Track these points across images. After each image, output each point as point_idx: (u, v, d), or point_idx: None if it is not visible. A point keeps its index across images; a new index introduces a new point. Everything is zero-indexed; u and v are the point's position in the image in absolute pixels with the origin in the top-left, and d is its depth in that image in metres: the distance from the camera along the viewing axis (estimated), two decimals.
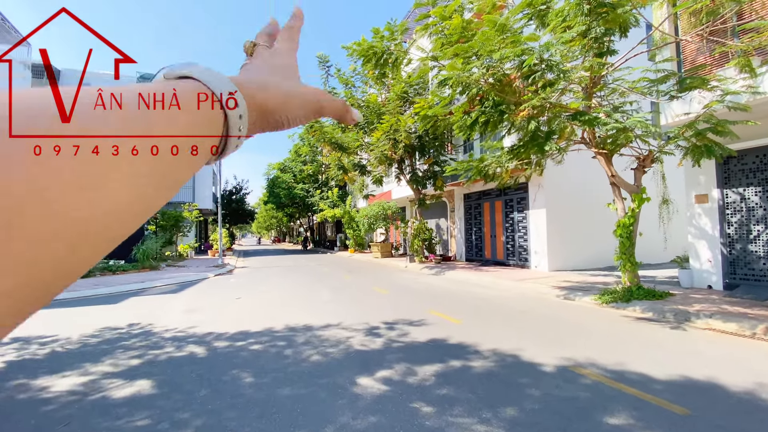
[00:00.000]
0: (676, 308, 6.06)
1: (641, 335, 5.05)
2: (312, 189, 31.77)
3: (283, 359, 4.31)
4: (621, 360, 4.04)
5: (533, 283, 9.25)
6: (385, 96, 15.09)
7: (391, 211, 19.51)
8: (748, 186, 7.34)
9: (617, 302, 6.86)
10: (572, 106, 6.54)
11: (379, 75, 11.18)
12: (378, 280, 11.38)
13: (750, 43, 5.37)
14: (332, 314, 6.60)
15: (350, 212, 24.20)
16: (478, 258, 15.33)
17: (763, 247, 7.11)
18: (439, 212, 18.56)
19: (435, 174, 15.12)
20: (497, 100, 6.32)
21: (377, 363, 4.08)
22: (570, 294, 7.82)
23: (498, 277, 10.73)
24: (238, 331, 5.58)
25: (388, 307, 7.15)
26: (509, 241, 13.67)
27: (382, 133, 12.77)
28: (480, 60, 5.74)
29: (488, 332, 5.25)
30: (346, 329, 5.54)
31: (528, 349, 4.44)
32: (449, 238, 17.66)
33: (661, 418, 2.79)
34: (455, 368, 3.90)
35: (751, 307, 5.94)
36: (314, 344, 4.83)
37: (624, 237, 7.25)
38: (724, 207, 7.72)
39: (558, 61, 5.47)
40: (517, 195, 13.23)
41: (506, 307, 7.07)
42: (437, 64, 6.90)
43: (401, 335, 5.18)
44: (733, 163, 7.48)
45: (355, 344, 4.79)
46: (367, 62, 9.52)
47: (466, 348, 4.56)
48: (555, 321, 5.93)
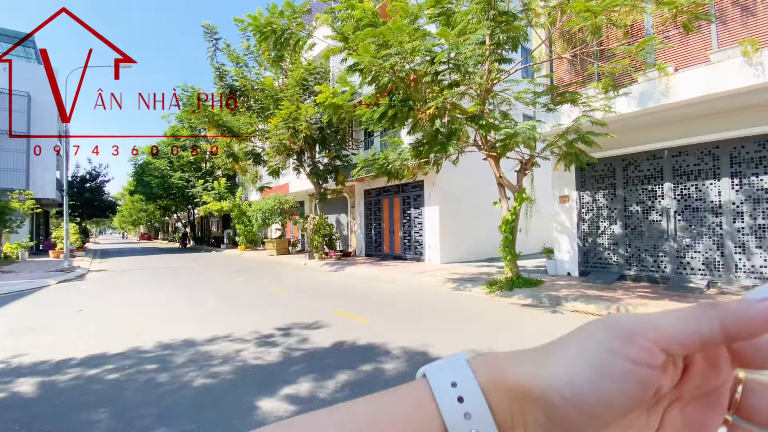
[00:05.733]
0: (549, 294, 6.91)
1: (528, 321, 5.56)
2: (193, 178, 28.11)
3: (155, 388, 3.45)
4: (516, 346, 4.29)
5: (429, 277, 9.66)
6: (282, 81, 14.05)
7: (289, 205, 18.43)
8: (598, 190, 8.84)
9: (503, 291, 7.54)
10: (471, 110, 6.91)
11: (276, 57, 10.27)
12: (275, 280, 10.53)
13: (612, 68, 6.35)
14: (220, 324, 5.72)
15: (241, 206, 22.17)
16: (378, 253, 15.54)
17: (608, 240, 8.64)
18: (339, 207, 18.27)
19: (336, 168, 14.74)
20: (405, 95, 6.27)
21: (280, 379, 3.56)
22: (462, 285, 8.34)
23: (397, 271, 10.95)
24: (91, 356, 4.36)
25: (287, 311, 6.55)
26: (406, 236, 14.16)
27: (280, 120, 11.82)
28: (392, 48, 5.58)
29: (395, 329, 5.14)
30: (238, 341, 4.81)
31: (435, 344, 4.44)
32: (349, 234, 17.53)
33: None
34: (367, 373, 3.63)
35: (602, 290, 7.13)
36: (198, 363, 4.02)
37: (507, 232, 8.00)
38: (580, 207, 9.16)
39: (465, 61, 5.65)
40: (414, 192, 13.75)
41: (409, 301, 7.15)
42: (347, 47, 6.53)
43: (303, 341, 4.71)
44: (588, 170, 8.92)
45: (250, 358, 4.14)
46: (264, 40, 8.60)
47: (375, 349, 4.35)
48: (454, 312, 6.17)
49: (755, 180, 6.64)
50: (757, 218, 6.62)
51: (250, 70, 13.97)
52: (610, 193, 8.57)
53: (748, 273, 6.70)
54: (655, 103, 6.60)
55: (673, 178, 7.62)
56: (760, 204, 6.59)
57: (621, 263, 8.36)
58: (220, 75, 13.73)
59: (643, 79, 6.72)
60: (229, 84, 13.82)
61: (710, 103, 6.40)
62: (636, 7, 5.90)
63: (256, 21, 8.21)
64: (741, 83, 5.69)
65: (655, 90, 6.58)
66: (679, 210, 7.54)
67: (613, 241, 8.51)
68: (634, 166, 8.18)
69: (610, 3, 5.32)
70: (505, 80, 7.63)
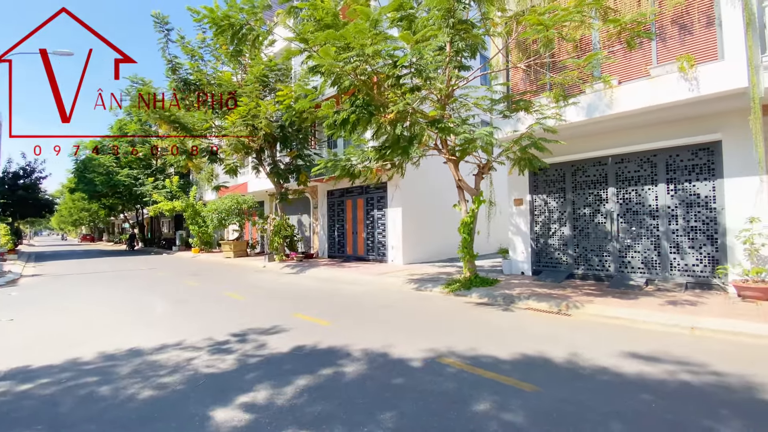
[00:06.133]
0: (503, 293, 7.20)
1: (483, 319, 5.75)
2: (143, 176, 26.40)
3: (96, 402, 3.20)
4: (473, 345, 4.45)
5: (392, 277, 9.73)
6: (241, 76, 13.55)
7: (248, 205, 17.80)
8: (549, 193, 9.33)
9: (461, 290, 7.76)
10: (431, 114, 7.04)
11: (234, 51, 9.91)
12: (231, 284, 10.13)
13: (562, 79, 6.73)
14: (170, 331, 5.41)
15: (195, 205, 21.12)
16: (341, 254, 15.42)
17: (558, 240, 9.14)
18: (301, 208, 17.92)
19: (298, 168, 14.44)
20: (367, 99, 6.27)
21: (235, 387, 3.42)
22: (423, 285, 8.48)
23: (360, 272, 10.93)
24: (21, 369, 3.97)
25: (244, 316, 6.32)
26: (369, 237, 14.17)
27: (238, 117, 11.38)
28: (354, 51, 5.56)
29: (357, 332, 5.13)
30: (189, 348, 4.58)
31: (397, 345, 4.48)
32: (312, 235, 17.24)
33: (517, 397, 3.10)
34: (328, 377, 3.59)
35: (553, 288, 7.52)
36: (144, 374, 3.78)
37: (465, 233, 8.24)
38: (533, 209, 9.63)
39: (426, 66, 5.74)
40: (377, 194, 13.80)
41: (371, 302, 7.16)
42: (308, 49, 6.42)
43: (260, 347, 4.57)
44: (540, 175, 9.39)
45: (203, 366, 3.96)
46: (221, 34, 8.26)
47: (336, 352, 4.31)
48: (414, 312, 6.26)
49: (688, 186, 7.31)
50: (689, 221, 7.29)
51: (206, 63, 13.36)
52: (560, 196, 9.08)
53: (682, 271, 7.35)
54: (600, 114, 7.08)
55: (616, 183, 8.20)
56: (692, 208, 7.27)
57: (570, 263, 8.87)
58: (173, 68, 13.00)
59: (590, 91, 7.18)
60: (182, 78, 13.13)
61: (650, 115, 6.96)
62: (584, 23, 6.31)
63: (213, 14, 7.87)
64: (677, 97, 6.24)
65: (601, 101, 7.06)
66: (621, 213, 8.13)
67: (563, 241, 9.02)
68: (582, 172, 8.72)
69: (560, 18, 5.64)
70: (464, 86, 7.86)
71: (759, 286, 5.89)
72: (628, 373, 3.55)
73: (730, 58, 5.84)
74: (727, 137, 6.75)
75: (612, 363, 3.80)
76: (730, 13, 5.89)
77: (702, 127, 7.00)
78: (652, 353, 4.06)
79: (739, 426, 2.59)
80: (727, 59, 5.87)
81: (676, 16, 6.62)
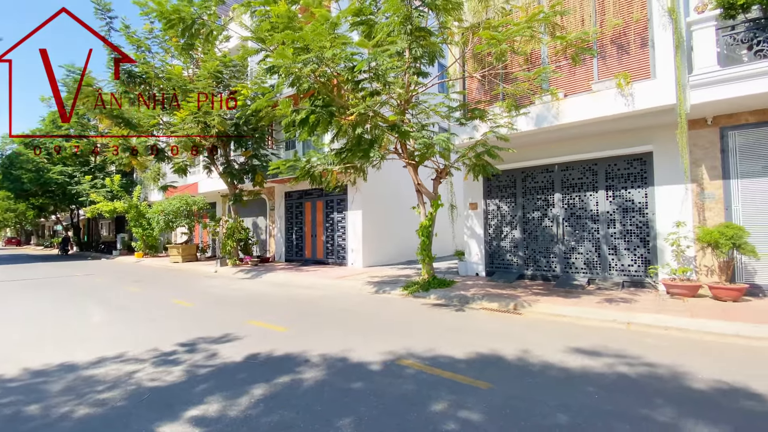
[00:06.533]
0: (459, 294, 7.41)
1: (441, 320, 5.88)
2: (79, 174, 24.18)
3: (24, 423, 2.87)
4: (431, 346, 4.53)
5: (352, 280, 9.67)
6: (193, 71, 12.87)
7: (198, 206, 16.87)
8: (501, 198, 9.76)
9: (419, 292, 7.89)
10: (391, 118, 7.12)
11: (185, 45, 9.41)
12: (179, 290, 9.55)
13: (514, 90, 7.08)
14: (109, 343, 5.00)
15: (139, 206, 19.70)
16: (299, 258, 15.08)
17: (509, 243, 9.58)
18: (257, 210, 17.31)
19: (254, 168, 13.94)
20: (327, 100, 6.21)
21: (184, 400, 3.22)
22: (382, 288, 8.52)
23: (319, 276, 10.75)
24: None
25: (192, 324, 5.98)
26: (329, 240, 14.00)
27: (189, 114, 10.77)
28: (312, 53, 5.48)
29: (315, 337, 5.03)
30: (131, 361, 4.25)
31: (356, 349, 4.45)
32: (268, 238, 16.70)
33: (473, 395, 3.20)
34: (285, 385, 3.48)
35: (504, 288, 7.87)
36: (79, 391, 3.45)
37: (424, 236, 8.40)
38: (487, 213, 10.02)
39: (385, 71, 5.80)
40: (337, 196, 13.68)
41: (330, 306, 7.06)
42: (265, 48, 6.23)
43: (211, 357, 4.34)
44: (493, 180, 9.81)
45: (147, 380, 3.69)
46: (170, 28, 7.83)
47: (294, 359, 4.20)
48: (374, 315, 6.26)
49: (624, 192, 7.97)
50: (625, 225, 7.94)
51: (154, 56, 12.53)
52: (512, 201, 9.54)
53: (619, 271, 7.99)
54: (548, 124, 7.53)
55: (561, 189, 8.76)
56: (627, 213, 7.93)
57: (520, 264, 9.33)
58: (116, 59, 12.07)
59: (540, 102, 7.63)
60: (127, 69, 12.22)
61: (591, 126, 7.52)
62: (534, 38, 6.69)
63: (161, 7, 7.42)
64: (615, 111, 6.80)
65: (549, 112, 7.52)
66: (566, 217, 8.69)
67: (514, 244, 9.47)
68: (531, 178, 9.22)
69: (512, 33, 5.95)
70: (423, 93, 8.04)
71: (685, 284, 6.54)
72: (572, 367, 3.79)
73: (661, 76, 6.47)
74: (658, 149, 7.46)
75: (558, 358, 4.04)
76: (662, 35, 6.53)
77: (636, 139, 7.68)
78: (593, 348, 4.36)
79: (671, 413, 2.85)
80: (658, 78, 6.50)
81: (615, 37, 7.22)
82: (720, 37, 6.08)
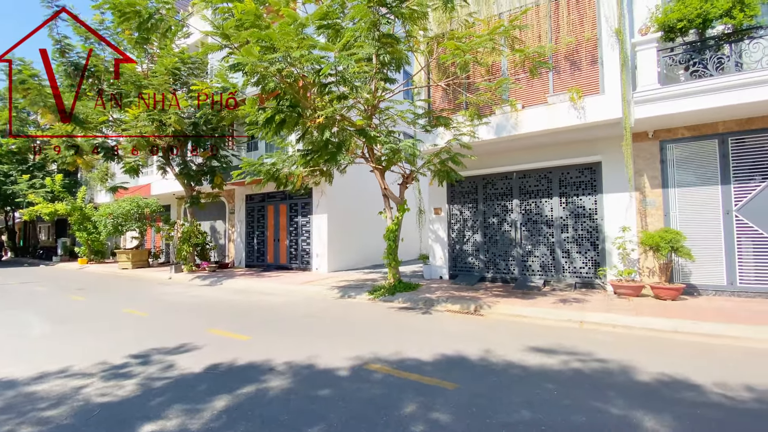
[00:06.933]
0: (425, 297, 7.54)
1: (406, 323, 5.94)
2: (15, 172, 21.99)
3: None
4: (398, 349, 4.57)
5: (316, 286, 9.53)
6: (147, 66, 12.19)
7: (151, 209, 15.90)
8: (464, 204, 10.06)
9: (385, 296, 7.93)
10: (358, 123, 7.14)
11: (140, 38, 8.92)
12: (130, 299, 8.95)
13: (477, 99, 7.35)
14: (52, 356, 4.59)
15: (84, 209, 18.27)
16: (260, 263, 14.63)
17: (471, 247, 9.88)
18: (215, 213, 16.61)
19: (213, 170, 13.37)
20: (294, 101, 6.12)
21: (138, 416, 3.02)
22: (348, 293, 8.47)
23: (282, 282, 10.50)
24: None
25: (146, 334, 5.63)
26: (293, 244, 13.71)
27: (143, 111, 10.16)
28: (279, 53, 5.39)
29: (280, 344, 4.91)
30: (78, 376, 3.93)
31: (322, 355, 4.39)
32: (227, 243, 16.06)
33: (440, 396, 3.26)
34: (249, 395, 3.36)
35: (467, 291, 8.09)
36: (20, 409, 3.14)
37: (391, 240, 8.47)
38: (450, 218, 10.29)
39: (351, 75, 5.81)
40: (302, 200, 13.45)
41: (294, 312, 6.91)
42: (229, 45, 6.03)
43: (168, 368, 4.11)
44: (457, 186, 10.10)
45: (96, 395, 3.43)
46: (126, 21, 7.40)
47: (257, 368, 4.07)
48: (340, 321, 6.21)
49: (576, 199, 8.49)
50: (577, 229, 8.45)
51: (104, 48, 11.73)
52: (473, 207, 9.86)
53: (572, 273, 8.47)
54: (507, 133, 7.89)
55: (519, 196, 9.18)
56: (579, 218, 8.44)
57: (481, 267, 9.65)
58: (62, 50, 11.18)
59: (500, 112, 7.97)
60: (74, 62, 11.35)
61: (547, 137, 7.95)
62: (495, 50, 7.00)
63: None
64: (568, 122, 7.24)
65: (508, 122, 7.87)
66: (523, 222, 9.11)
67: (475, 248, 9.78)
68: (492, 185, 9.59)
69: (475, 44, 6.19)
70: (390, 99, 8.14)
71: (630, 285, 7.06)
72: (532, 365, 3.97)
73: (609, 92, 6.98)
74: (606, 159, 8.02)
75: (519, 357, 4.22)
76: (610, 54, 7.06)
77: (587, 149, 8.22)
78: (550, 346, 4.60)
79: (623, 405, 3.07)
80: (606, 93, 7.01)
81: (569, 53, 7.71)
82: (661, 57, 6.67)
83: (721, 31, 6.27)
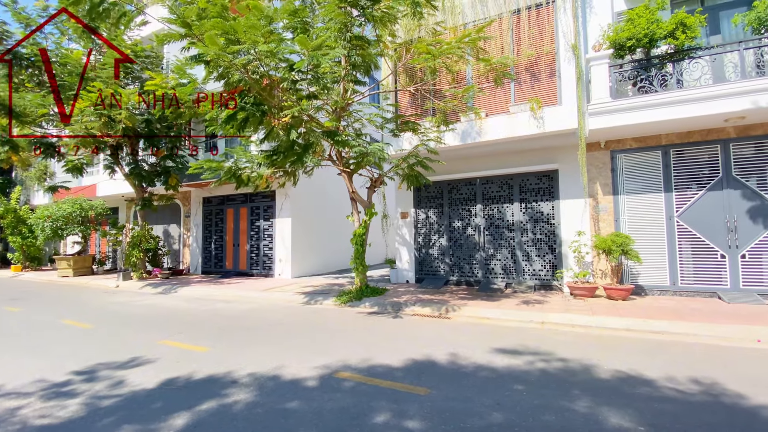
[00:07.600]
0: (392, 301, 7.51)
1: (375, 328, 5.87)
2: None
3: None
4: (368, 356, 4.49)
5: (280, 292, 9.22)
6: (96, 57, 11.29)
7: (96, 212, 14.68)
8: (430, 208, 10.20)
9: (353, 301, 7.81)
10: (326, 124, 7.02)
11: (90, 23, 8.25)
12: (71, 309, 8.18)
13: (443, 106, 7.48)
14: None
15: (18, 210, 16.57)
16: (219, 269, 13.92)
17: (437, 251, 10.02)
18: (169, 217, 15.64)
19: (168, 170, 12.58)
20: (259, 98, 5.89)
21: None
22: (314, 299, 8.26)
23: (243, 289, 10.04)
24: None
25: (90, 348, 5.15)
26: (254, 250, 13.19)
27: (89, 105, 9.36)
28: (245, 45, 5.16)
29: (242, 355, 4.65)
30: (12, 395, 3.49)
31: (289, 365, 4.21)
32: (182, 248, 15.16)
33: (413, 402, 3.22)
34: (210, 412, 3.14)
35: (434, 294, 8.17)
36: None
37: (358, 245, 8.38)
38: (416, 222, 10.38)
39: (323, 75, 5.70)
40: (264, 203, 12.99)
41: (257, 320, 6.62)
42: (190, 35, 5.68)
43: (117, 385, 3.77)
44: (423, 191, 10.22)
45: (34, 417, 3.06)
46: (74, 6, 6.83)
47: (219, 381, 3.82)
48: (306, 328, 6.02)
49: (535, 205, 8.85)
50: (536, 234, 8.80)
51: (47, 37, 10.73)
52: (439, 211, 10.02)
53: (532, 275, 8.81)
54: (472, 140, 8.10)
55: (482, 201, 9.44)
56: (538, 223, 8.81)
57: (447, 270, 9.80)
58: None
59: (465, 119, 8.17)
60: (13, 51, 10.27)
61: (508, 144, 8.25)
62: (462, 58, 7.17)
63: None
64: (528, 131, 7.55)
65: (473, 129, 8.09)
66: (486, 226, 9.37)
67: (441, 251, 9.93)
68: (456, 190, 9.80)
69: (445, 50, 6.30)
70: (359, 102, 8.09)
71: (585, 286, 7.45)
72: (500, 367, 4.04)
73: (565, 104, 7.37)
74: (563, 166, 8.45)
75: (487, 359, 4.28)
76: (566, 68, 7.46)
77: (546, 157, 8.61)
78: (515, 347, 4.72)
79: (588, 402, 3.18)
80: (563, 104, 7.39)
81: (530, 65, 8.07)
82: (612, 73, 7.14)
83: (665, 51, 6.82)
